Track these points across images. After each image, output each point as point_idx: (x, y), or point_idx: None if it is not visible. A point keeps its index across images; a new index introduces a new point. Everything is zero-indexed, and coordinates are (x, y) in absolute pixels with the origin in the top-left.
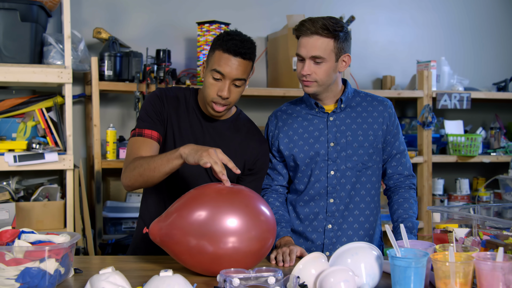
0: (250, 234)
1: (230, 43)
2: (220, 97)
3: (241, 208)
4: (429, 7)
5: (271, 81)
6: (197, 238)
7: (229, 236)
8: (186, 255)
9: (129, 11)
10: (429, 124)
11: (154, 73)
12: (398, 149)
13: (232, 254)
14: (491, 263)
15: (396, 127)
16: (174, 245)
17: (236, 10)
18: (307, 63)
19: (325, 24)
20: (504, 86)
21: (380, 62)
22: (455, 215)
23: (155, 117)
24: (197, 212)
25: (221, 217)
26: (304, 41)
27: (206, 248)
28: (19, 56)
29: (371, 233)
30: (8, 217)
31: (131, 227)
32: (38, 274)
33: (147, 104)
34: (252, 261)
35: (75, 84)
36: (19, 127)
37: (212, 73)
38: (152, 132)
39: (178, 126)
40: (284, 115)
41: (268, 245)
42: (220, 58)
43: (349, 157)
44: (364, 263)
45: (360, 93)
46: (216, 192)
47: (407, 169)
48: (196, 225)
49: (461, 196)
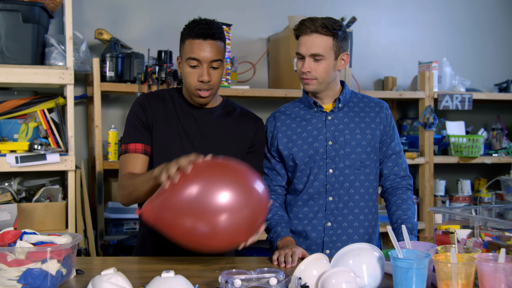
0: (242, 210)
1: (197, 28)
2: (202, 82)
3: (233, 182)
4: (430, 8)
5: (272, 82)
6: (188, 215)
7: (221, 212)
8: (178, 231)
9: (130, 12)
10: (431, 125)
11: (156, 74)
12: (394, 150)
13: (225, 229)
14: (493, 264)
15: (392, 128)
16: (166, 222)
17: (237, 11)
18: (307, 60)
19: (324, 23)
20: (505, 87)
21: (381, 63)
22: (456, 216)
23: (139, 126)
24: (188, 188)
25: (213, 192)
26: (304, 39)
27: (198, 225)
28: (21, 57)
29: (371, 231)
30: (10, 218)
31: (133, 228)
32: (40, 275)
33: (129, 115)
34: (244, 235)
35: (76, 85)
36: (21, 128)
37: (188, 62)
38: (135, 145)
39: (167, 125)
40: (283, 116)
41: (260, 221)
42: (192, 45)
43: (347, 155)
44: (366, 264)
45: (357, 94)
46: (206, 166)
47: (403, 170)
48: (188, 201)
49: (463, 197)
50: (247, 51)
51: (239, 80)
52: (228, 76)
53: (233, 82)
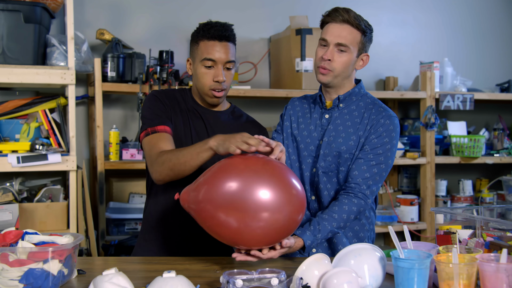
0: (281, 209)
1: (213, 30)
2: (218, 83)
3: (273, 180)
4: (432, 8)
5: (273, 82)
6: (226, 210)
7: (261, 210)
8: (214, 225)
9: (132, 13)
10: (432, 125)
11: (157, 74)
12: (366, 157)
13: (264, 228)
14: (495, 265)
15: (380, 139)
16: (203, 215)
17: (239, 11)
18: (330, 49)
19: (357, 16)
20: (507, 87)
21: (383, 63)
22: (458, 216)
23: (162, 114)
24: (228, 184)
25: (253, 190)
26: (333, 27)
27: (234, 221)
28: (23, 57)
29: (362, 235)
30: (12, 218)
31: (134, 228)
32: (42, 275)
33: (150, 104)
34: (280, 235)
35: (78, 85)
36: (23, 128)
37: (204, 63)
38: (165, 127)
39: (181, 121)
40: (297, 102)
41: (298, 219)
42: (207, 47)
43: (324, 156)
44: (368, 264)
45: (368, 98)
46: (247, 163)
47: (364, 178)
48: (227, 197)
49: (464, 197)
50: (248, 51)
51: (241, 80)
52: None
53: (234, 82)
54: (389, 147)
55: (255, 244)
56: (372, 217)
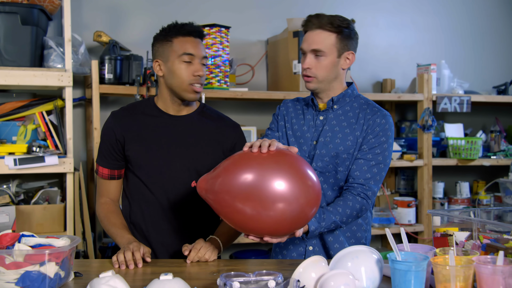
0: (297, 200)
1: (187, 27)
2: (198, 77)
3: (291, 171)
4: (429, 10)
5: (271, 84)
6: (243, 201)
7: (277, 201)
8: (229, 213)
9: (129, 15)
10: (429, 127)
11: (154, 76)
12: (365, 156)
13: (278, 218)
14: (492, 267)
15: (377, 139)
16: (220, 203)
17: (236, 13)
18: (308, 56)
19: (330, 19)
20: (504, 89)
21: (380, 65)
22: (455, 218)
23: (106, 150)
24: (245, 175)
25: (270, 181)
26: (307, 35)
27: (250, 210)
28: (20, 59)
29: (359, 235)
30: (8, 220)
31: None
32: (38, 278)
33: (101, 138)
34: (294, 225)
35: (75, 87)
36: (20, 130)
37: (182, 58)
38: (103, 170)
39: (141, 137)
40: (289, 103)
41: (312, 213)
42: (184, 42)
43: (320, 156)
44: (365, 266)
45: (361, 98)
46: (264, 155)
47: (365, 178)
48: (244, 188)
49: (461, 199)
50: (245, 53)
51: (238, 82)
52: (226, 78)
53: (231, 85)
54: (386, 146)
55: (268, 233)
56: (369, 217)
